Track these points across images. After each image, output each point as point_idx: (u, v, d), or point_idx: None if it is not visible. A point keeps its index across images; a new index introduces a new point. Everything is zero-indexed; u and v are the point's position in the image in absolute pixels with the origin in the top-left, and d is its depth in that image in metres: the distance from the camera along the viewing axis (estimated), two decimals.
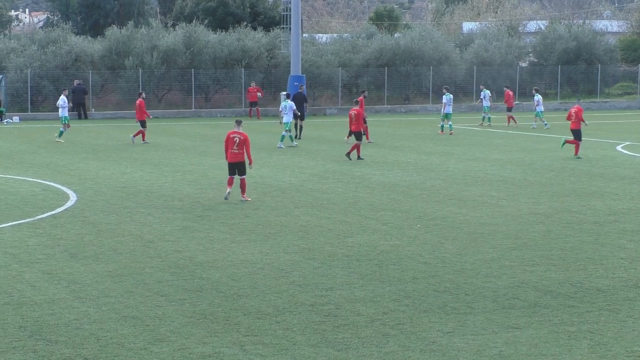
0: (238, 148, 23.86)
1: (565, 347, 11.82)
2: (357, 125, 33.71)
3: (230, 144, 23.95)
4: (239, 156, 23.90)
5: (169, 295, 14.34)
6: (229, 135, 24.04)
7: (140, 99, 41.02)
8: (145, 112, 40.39)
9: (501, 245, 18.08)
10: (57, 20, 78.15)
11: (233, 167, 24.01)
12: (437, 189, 25.82)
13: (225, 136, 24.30)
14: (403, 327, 12.65)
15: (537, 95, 49.52)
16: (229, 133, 24.08)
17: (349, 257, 17.06)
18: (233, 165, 23.99)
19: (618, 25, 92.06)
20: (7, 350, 11.70)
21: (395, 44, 67.35)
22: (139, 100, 40.82)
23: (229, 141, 23.95)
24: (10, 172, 30.03)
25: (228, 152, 23.98)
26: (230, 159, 23.94)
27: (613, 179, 27.86)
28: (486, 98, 50.87)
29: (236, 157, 23.90)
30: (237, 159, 23.91)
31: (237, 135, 23.90)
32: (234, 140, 23.90)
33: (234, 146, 23.87)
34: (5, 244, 18.27)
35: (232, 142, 23.92)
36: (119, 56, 61.27)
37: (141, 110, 40.14)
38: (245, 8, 73.46)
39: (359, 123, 33.72)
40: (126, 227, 20.08)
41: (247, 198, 23.91)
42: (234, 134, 23.94)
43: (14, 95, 59.47)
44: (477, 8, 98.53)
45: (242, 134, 23.94)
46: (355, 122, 33.71)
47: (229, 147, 23.96)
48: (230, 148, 23.93)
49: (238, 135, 23.89)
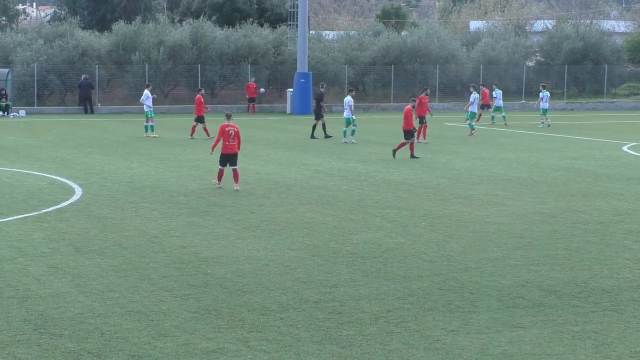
0: (233, 140, 25.00)
1: (570, 346, 11.81)
2: (406, 123, 33.11)
3: (226, 137, 24.96)
4: (234, 148, 25.04)
5: (173, 291, 14.35)
6: (224, 128, 25.00)
7: (199, 94, 41.28)
8: (203, 106, 40.61)
9: (506, 245, 18.07)
10: (64, 15, 78.15)
11: (227, 158, 25.08)
12: (443, 188, 25.80)
13: (219, 129, 25.18)
14: (407, 325, 12.65)
15: (543, 92, 49.54)
16: (224, 126, 25.04)
17: (353, 255, 17.06)
18: (228, 157, 25.06)
19: (625, 26, 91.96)
20: (12, 343, 11.72)
21: (402, 42, 67.31)
22: (198, 95, 41.19)
23: (225, 134, 24.97)
24: (17, 165, 30.07)
25: (224, 145, 24.96)
26: (226, 150, 24.98)
27: (619, 180, 27.82)
28: (499, 97, 50.88)
29: (232, 149, 25.02)
30: (232, 151, 25.02)
31: (231, 128, 25.00)
32: (230, 133, 24.97)
33: (230, 139, 24.94)
34: (10, 238, 18.30)
35: (228, 134, 24.95)
36: (125, 51, 61.30)
37: (200, 106, 40.36)
38: (252, 4, 73.46)
39: (408, 122, 33.11)
40: (131, 222, 20.10)
41: (239, 187, 24.83)
42: (228, 127, 25.00)
43: (20, 89, 59.54)
44: (484, 7, 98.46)
45: (235, 126, 25.16)
46: (405, 120, 33.19)
47: (225, 139, 24.96)
48: (226, 140, 24.95)
49: (232, 128, 25.00)
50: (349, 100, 38.70)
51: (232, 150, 24.99)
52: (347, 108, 38.49)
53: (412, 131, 33.40)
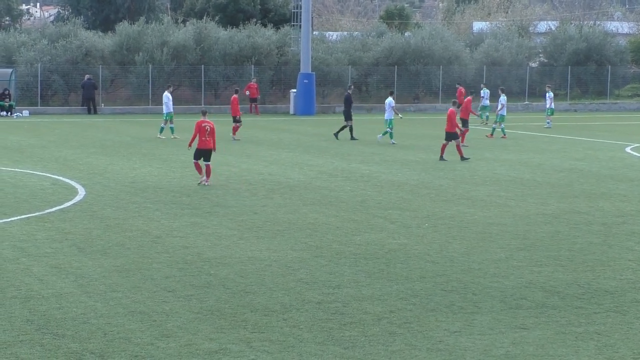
0: (209, 136, 26.04)
1: (572, 348, 11.81)
2: (449, 125, 32.87)
3: (202, 132, 26.01)
4: (209, 143, 26.06)
5: (176, 291, 14.35)
6: (200, 124, 26.07)
7: (235, 95, 41.44)
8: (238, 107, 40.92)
9: (509, 246, 18.06)
10: (67, 15, 78.09)
11: (202, 153, 26.10)
12: (446, 189, 25.80)
13: (196, 125, 26.17)
14: (410, 326, 12.64)
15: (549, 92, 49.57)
16: (200, 122, 26.12)
17: (356, 255, 17.05)
18: (203, 152, 26.08)
19: (629, 27, 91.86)
20: (15, 343, 11.72)
21: (405, 43, 67.27)
22: (235, 96, 41.39)
23: (201, 130, 26.03)
24: (20, 165, 30.09)
25: (200, 141, 25.98)
26: (201, 145, 26.00)
27: (622, 181, 27.81)
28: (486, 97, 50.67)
29: (206, 144, 26.02)
30: (207, 146, 26.03)
31: (207, 124, 26.10)
32: (206, 128, 26.06)
33: (206, 134, 26.00)
34: (13, 238, 18.31)
35: (204, 130, 26.02)
36: (129, 51, 61.30)
37: (236, 106, 40.59)
38: (255, 5, 73.46)
39: (451, 124, 32.86)
40: (134, 223, 20.10)
41: (210, 183, 25.92)
42: (204, 123, 26.11)
43: (24, 89, 59.57)
44: (488, 8, 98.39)
45: (211, 122, 26.29)
46: (449, 122, 32.92)
47: (200, 135, 25.98)
48: (202, 136, 25.97)
49: (208, 125, 26.11)
50: (391, 102, 39.03)
51: (206, 146, 25.93)
52: (390, 109, 38.69)
53: (453, 133, 33.08)
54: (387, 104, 39.14)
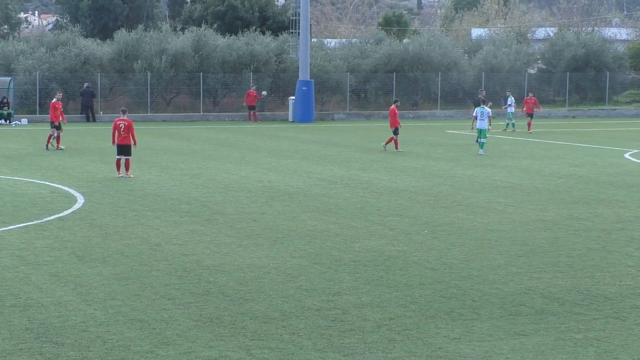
0: (125, 132, 28.66)
1: (572, 354, 11.80)
2: None
3: (118, 130, 28.72)
4: (127, 139, 28.68)
5: (175, 299, 14.34)
6: (117, 122, 28.91)
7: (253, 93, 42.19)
8: None
9: (508, 252, 18.05)
10: (66, 23, 78.20)
11: (122, 149, 28.77)
12: (445, 195, 25.80)
13: (113, 123, 29.13)
14: (409, 333, 12.64)
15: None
16: (116, 120, 29.01)
17: (355, 262, 17.05)
18: (122, 148, 28.75)
19: (627, 33, 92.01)
20: (14, 352, 11.71)
21: (403, 50, 67.37)
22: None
23: (117, 127, 28.80)
24: (19, 174, 30.08)
25: (118, 137, 28.66)
26: (119, 141, 28.73)
27: (621, 187, 27.81)
28: (512, 104, 51.05)
29: (124, 140, 28.70)
30: (125, 142, 28.71)
31: (122, 122, 28.76)
32: (120, 126, 28.75)
33: (122, 131, 28.64)
34: (12, 246, 18.30)
35: (119, 128, 28.73)
36: (127, 59, 61.37)
37: None
38: (254, 12, 73.56)
39: None
40: (133, 230, 20.10)
41: (132, 175, 28.63)
42: (120, 121, 28.84)
43: (22, 97, 59.62)
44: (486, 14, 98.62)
45: (127, 120, 28.89)
46: None
47: (118, 132, 28.67)
48: (120, 133, 28.62)
49: (124, 122, 28.75)
50: (488, 112, 38.11)
51: (125, 142, 28.64)
52: (486, 118, 37.71)
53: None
54: (485, 114, 37.73)
